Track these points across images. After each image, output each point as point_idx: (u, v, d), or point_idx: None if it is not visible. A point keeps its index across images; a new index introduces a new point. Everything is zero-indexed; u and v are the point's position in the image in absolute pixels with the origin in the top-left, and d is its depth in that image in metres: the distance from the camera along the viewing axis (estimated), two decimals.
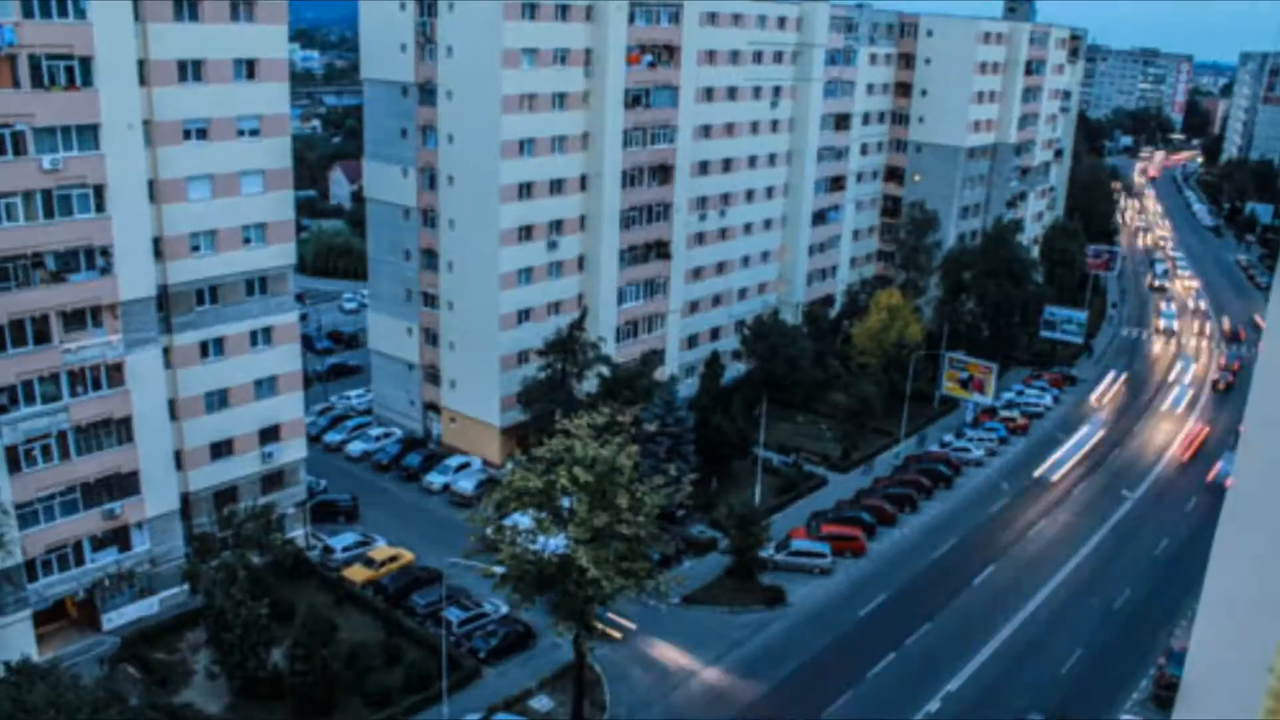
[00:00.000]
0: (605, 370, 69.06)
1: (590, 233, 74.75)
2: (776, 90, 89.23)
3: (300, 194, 73.90)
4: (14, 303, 45.42)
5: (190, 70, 51.39)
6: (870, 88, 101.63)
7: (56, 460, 48.33)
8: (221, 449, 57.01)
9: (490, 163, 68.04)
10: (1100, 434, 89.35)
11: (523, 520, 45.22)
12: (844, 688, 52.46)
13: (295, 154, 58.88)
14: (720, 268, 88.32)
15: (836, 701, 51.41)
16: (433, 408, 77.32)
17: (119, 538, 51.95)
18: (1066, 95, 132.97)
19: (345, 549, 61.24)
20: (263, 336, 57.24)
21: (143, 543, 52.81)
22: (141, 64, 48.71)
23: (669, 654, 54.20)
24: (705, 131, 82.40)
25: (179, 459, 54.63)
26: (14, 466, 46.70)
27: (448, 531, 60.40)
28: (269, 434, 58.76)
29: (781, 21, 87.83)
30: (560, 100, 70.51)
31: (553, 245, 72.72)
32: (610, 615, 53.27)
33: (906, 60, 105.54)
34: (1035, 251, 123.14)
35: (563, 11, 69.21)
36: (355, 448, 75.68)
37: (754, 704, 51.03)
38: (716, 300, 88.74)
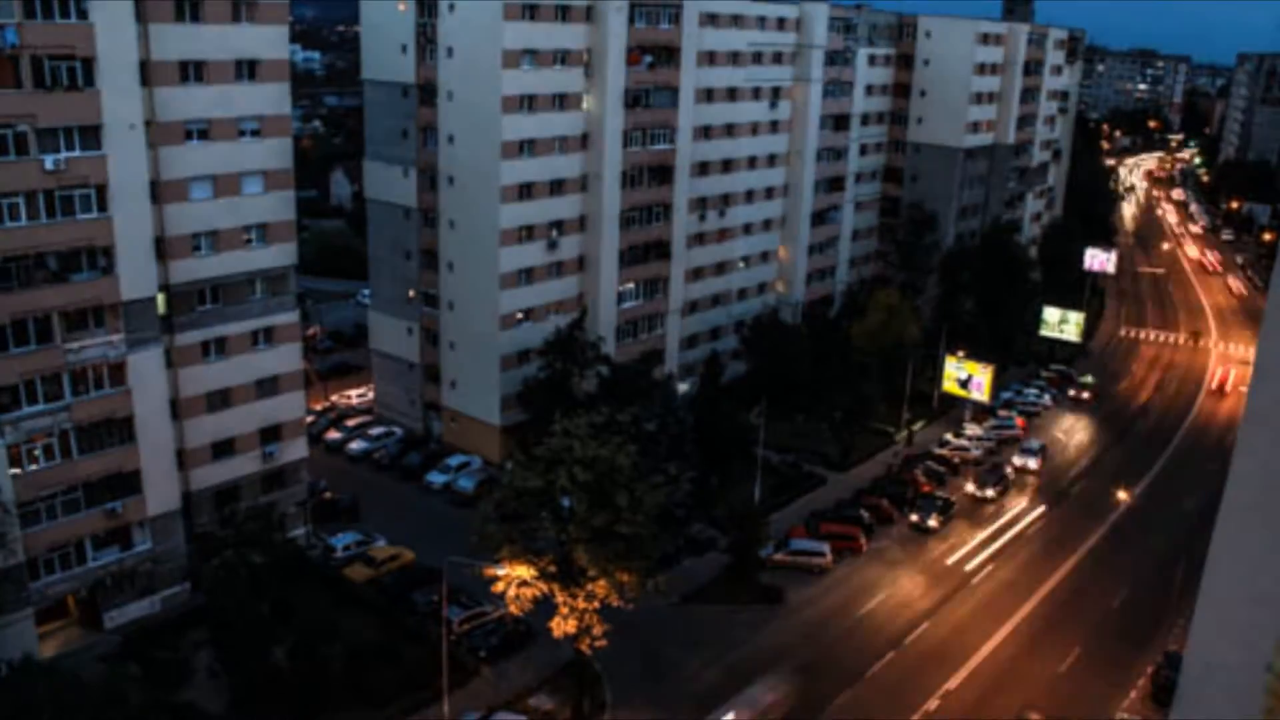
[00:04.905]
0: (605, 370, 69.21)
1: (590, 233, 74.90)
2: (776, 91, 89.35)
3: (301, 194, 73.92)
4: (16, 302, 45.56)
5: (192, 71, 51.56)
6: (869, 89, 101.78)
7: (58, 459, 48.49)
8: (223, 448, 57.11)
9: (490, 163, 68.20)
10: None
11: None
12: (843, 686, 52.66)
13: (297, 154, 59.01)
14: (720, 268, 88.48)
15: (836, 700, 51.60)
16: (433, 407, 77.47)
17: (120, 537, 52.13)
18: (1065, 96, 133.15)
19: (346, 548, 61.35)
20: (264, 336, 57.38)
21: (144, 542, 52.96)
22: (143, 64, 48.83)
23: (669, 653, 54.35)
24: (705, 132, 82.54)
25: (180, 458, 54.72)
26: (16, 465, 46.81)
27: (448, 530, 60.46)
28: (270, 433, 58.88)
29: (781, 22, 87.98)
30: (560, 100, 70.67)
31: (553, 245, 72.88)
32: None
33: (905, 61, 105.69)
34: (1034, 252, 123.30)
35: (563, 12, 69.37)
36: (356, 447, 75.82)
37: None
38: (716, 300, 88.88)
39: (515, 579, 45.73)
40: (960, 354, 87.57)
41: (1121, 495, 76.63)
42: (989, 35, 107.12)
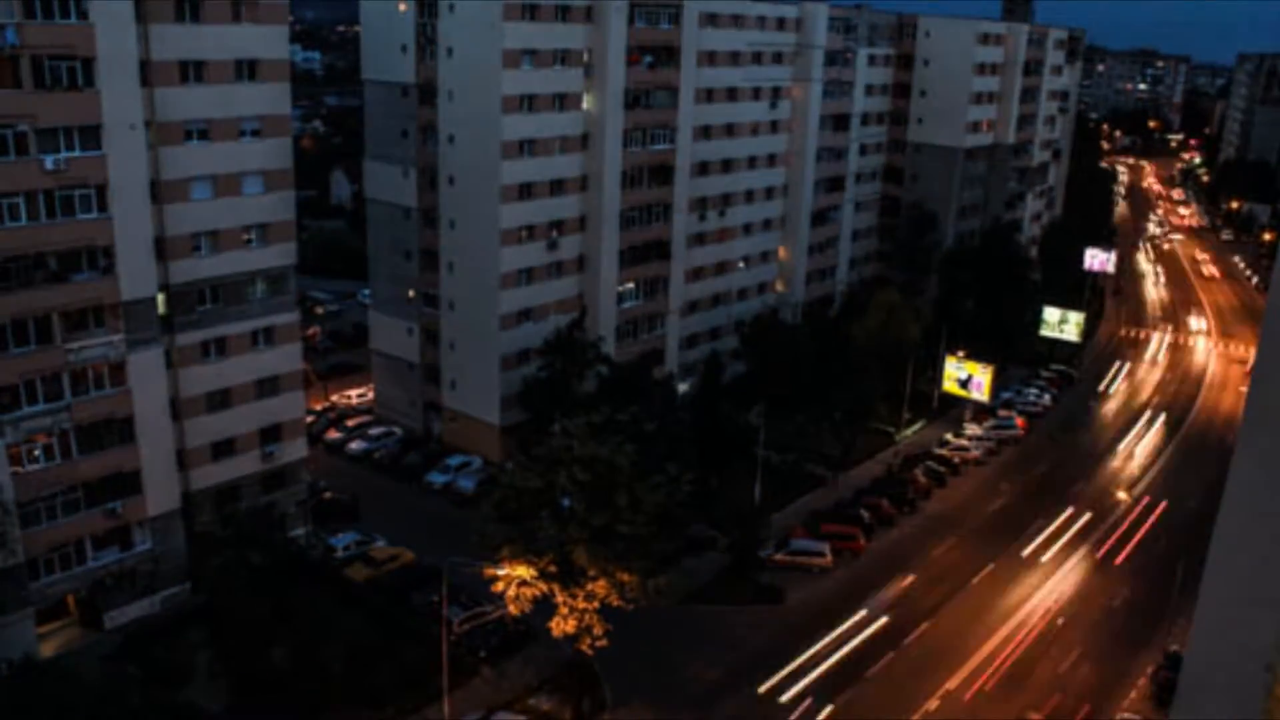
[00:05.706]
0: (605, 370, 69.20)
1: (590, 233, 74.90)
2: (776, 91, 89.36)
3: (301, 194, 73.95)
4: (16, 303, 45.57)
5: (192, 71, 51.58)
6: (869, 88, 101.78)
7: (58, 459, 48.48)
8: (223, 448, 57.09)
9: (490, 163, 68.21)
10: None
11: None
12: (843, 687, 52.64)
13: (297, 154, 59.01)
14: (720, 268, 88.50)
15: (836, 700, 51.59)
16: (433, 407, 77.46)
17: (120, 537, 52.11)
18: (1065, 96, 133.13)
19: (346, 548, 61.28)
20: (264, 336, 57.37)
21: (144, 542, 52.95)
22: (143, 64, 48.84)
23: (669, 653, 54.33)
24: (705, 132, 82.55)
25: (180, 458, 54.71)
26: (16, 465, 46.78)
27: (448, 530, 60.42)
28: (270, 433, 58.85)
29: (781, 23, 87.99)
30: (560, 100, 70.67)
31: (553, 245, 72.88)
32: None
33: (905, 61, 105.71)
34: (1034, 252, 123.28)
35: (563, 12, 69.37)
36: (356, 447, 75.79)
37: (753, 703, 51.16)
38: (716, 300, 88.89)
39: (515, 579, 45.71)
40: (960, 354, 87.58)
41: (1121, 495, 76.81)
42: (989, 35, 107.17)
